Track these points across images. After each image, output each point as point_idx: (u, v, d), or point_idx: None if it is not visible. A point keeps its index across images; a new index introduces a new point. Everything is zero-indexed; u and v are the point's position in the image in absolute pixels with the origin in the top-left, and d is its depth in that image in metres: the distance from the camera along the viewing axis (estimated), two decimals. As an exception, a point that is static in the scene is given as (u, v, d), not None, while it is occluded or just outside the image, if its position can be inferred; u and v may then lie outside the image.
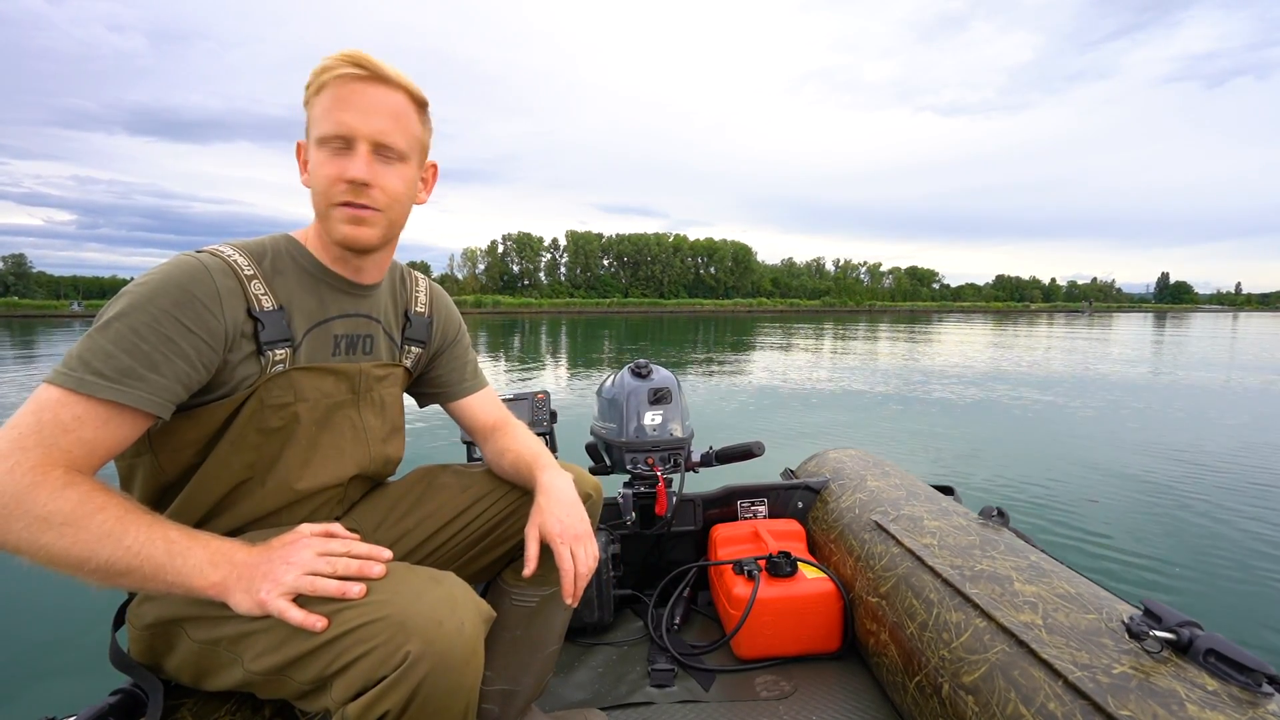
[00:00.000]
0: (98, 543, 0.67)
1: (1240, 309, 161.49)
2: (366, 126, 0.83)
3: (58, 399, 0.70)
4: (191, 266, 0.79)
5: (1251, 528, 3.43)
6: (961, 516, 1.42)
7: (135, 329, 0.74)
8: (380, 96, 0.84)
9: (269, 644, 0.73)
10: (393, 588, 0.73)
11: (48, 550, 0.66)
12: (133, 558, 0.68)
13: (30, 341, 20.73)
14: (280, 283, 0.87)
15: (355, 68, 0.82)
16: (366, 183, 0.83)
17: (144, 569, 0.68)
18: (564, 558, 0.91)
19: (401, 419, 1.07)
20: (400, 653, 0.68)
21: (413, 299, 1.07)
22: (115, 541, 0.68)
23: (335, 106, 0.82)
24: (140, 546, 0.69)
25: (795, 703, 1.28)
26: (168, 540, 0.70)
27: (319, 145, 0.83)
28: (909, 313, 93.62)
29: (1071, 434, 5.97)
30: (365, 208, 0.85)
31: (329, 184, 0.83)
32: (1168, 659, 0.84)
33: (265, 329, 0.84)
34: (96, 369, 0.71)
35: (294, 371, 0.87)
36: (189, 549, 0.71)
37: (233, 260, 0.83)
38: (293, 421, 0.88)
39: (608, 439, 1.70)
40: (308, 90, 0.85)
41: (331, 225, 0.86)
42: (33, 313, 61.80)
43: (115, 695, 0.82)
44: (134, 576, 0.69)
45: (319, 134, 0.83)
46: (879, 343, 20.14)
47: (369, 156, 0.83)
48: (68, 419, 0.70)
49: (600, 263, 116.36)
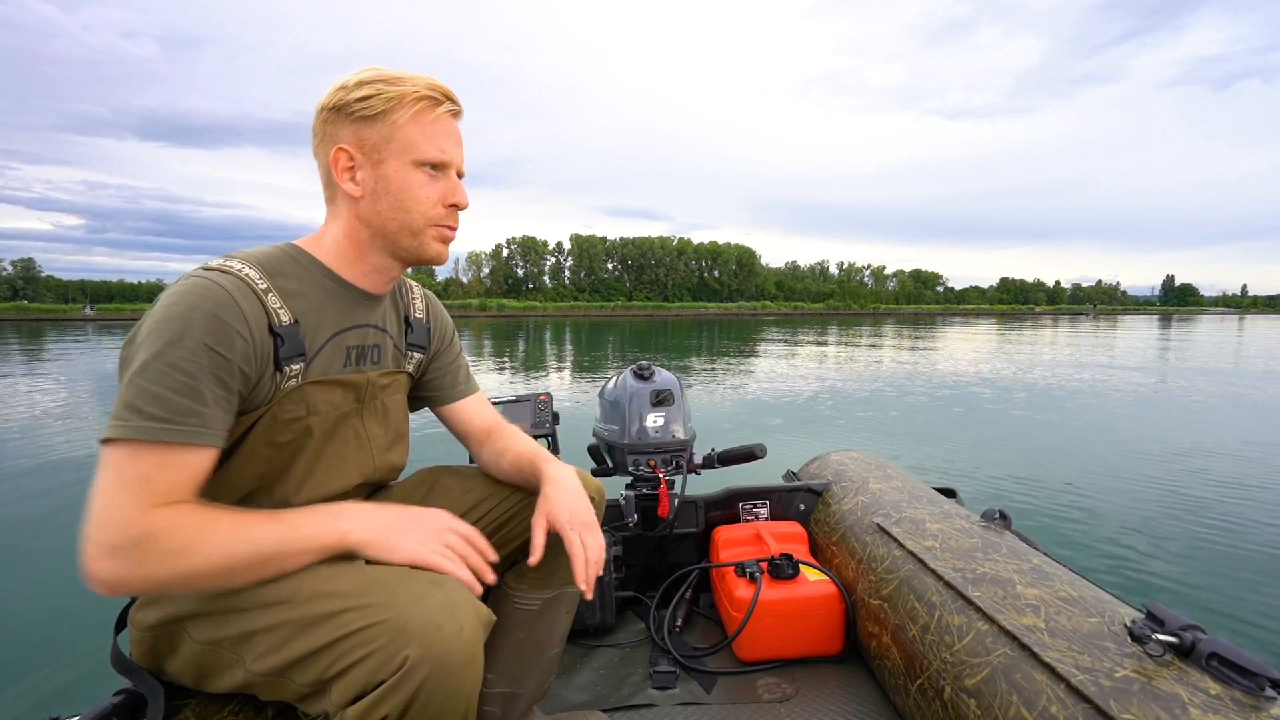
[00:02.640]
0: (230, 548, 0.72)
1: (1246, 311, 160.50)
2: (458, 157, 0.92)
3: (131, 453, 0.71)
4: (213, 292, 0.77)
5: (1254, 531, 3.41)
6: (963, 519, 1.42)
7: (177, 366, 0.73)
8: (458, 129, 0.93)
9: (271, 645, 0.74)
10: (392, 591, 0.73)
11: (193, 575, 0.71)
12: (263, 546, 0.74)
13: (40, 344, 20.86)
14: (294, 295, 0.86)
15: (450, 102, 0.90)
16: (466, 207, 0.94)
17: (279, 550, 0.75)
18: (574, 544, 0.91)
19: (406, 425, 1.07)
20: (399, 657, 0.68)
21: (410, 304, 1.07)
22: (244, 542, 0.73)
23: (438, 135, 0.88)
24: (265, 534, 0.75)
25: (797, 705, 1.28)
26: (283, 520, 0.77)
27: (416, 166, 0.87)
28: (913, 316, 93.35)
29: (1073, 436, 5.94)
30: (453, 229, 0.94)
31: (432, 205, 0.89)
32: (1170, 662, 0.84)
33: (284, 344, 0.83)
34: (154, 414, 0.72)
35: (307, 385, 0.87)
36: (305, 519, 0.78)
37: (246, 276, 0.81)
38: (305, 435, 0.88)
39: (610, 441, 1.71)
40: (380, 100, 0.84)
41: (425, 243, 0.91)
42: (44, 315, 62.24)
43: (118, 696, 0.83)
44: (273, 563, 0.75)
45: (422, 157, 0.87)
46: (882, 346, 20.09)
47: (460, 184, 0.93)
48: (148, 469, 0.71)
49: (604, 266, 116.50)
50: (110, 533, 0.69)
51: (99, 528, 0.69)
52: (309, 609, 0.72)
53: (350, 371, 0.94)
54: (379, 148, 0.86)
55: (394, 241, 0.90)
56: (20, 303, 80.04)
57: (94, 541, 0.69)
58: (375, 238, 0.90)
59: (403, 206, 0.88)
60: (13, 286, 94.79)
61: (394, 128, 0.85)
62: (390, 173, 0.87)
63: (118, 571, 0.69)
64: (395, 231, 0.89)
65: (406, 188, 0.87)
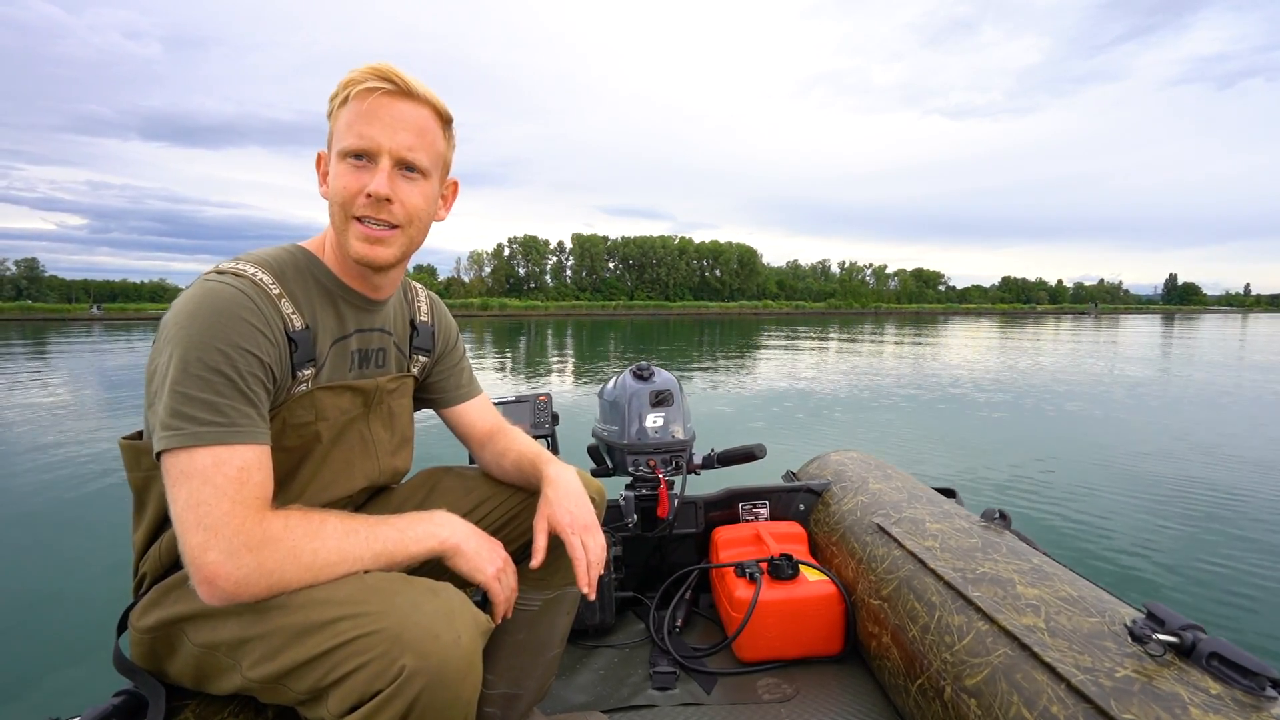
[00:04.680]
0: (341, 546, 0.75)
1: (1249, 310, 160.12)
2: (391, 141, 0.81)
3: (212, 459, 0.71)
4: (233, 295, 0.76)
5: (1255, 531, 3.41)
6: (963, 519, 1.41)
7: (217, 369, 0.73)
8: (406, 111, 0.82)
9: (265, 652, 0.73)
10: (389, 599, 0.72)
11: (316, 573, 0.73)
12: (379, 545, 0.78)
13: (43, 344, 20.90)
14: (304, 300, 0.85)
15: (382, 81, 0.81)
16: (388, 198, 0.81)
17: (394, 550, 0.79)
18: (575, 547, 0.92)
19: (411, 429, 1.07)
20: (395, 666, 0.67)
21: (415, 308, 1.07)
22: (359, 541, 0.77)
23: (360, 120, 0.80)
24: (374, 534, 0.78)
25: (797, 705, 1.28)
26: (388, 524, 0.81)
27: (340, 158, 0.82)
28: (914, 315, 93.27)
29: (1073, 436, 5.93)
30: (383, 225, 0.83)
31: (348, 197, 0.81)
32: (1171, 662, 0.84)
33: (298, 349, 0.83)
34: (216, 421, 0.72)
35: (316, 391, 0.87)
36: (410, 523, 0.83)
37: (261, 280, 0.80)
38: (313, 440, 0.88)
39: (609, 441, 1.70)
40: (332, 101, 0.83)
41: (347, 241, 0.84)
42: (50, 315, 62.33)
43: (118, 697, 0.82)
44: (381, 561, 0.78)
45: (341, 146, 0.81)
46: (883, 345, 20.07)
47: (391, 171, 0.82)
48: (234, 472, 0.72)
49: (606, 265, 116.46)
50: (228, 537, 0.69)
51: (213, 534, 0.69)
52: (304, 616, 0.72)
53: (357, 376, 0.94)
54: (335, 142, 0.83)
55: (339, 242, 0.86)
56: (24, 302, 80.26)
57: (212, 549, 0.68)
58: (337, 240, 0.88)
59: (331, 202, 0.84)
60: (17, 286, 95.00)
61: (334, 121, 0.83)
62: (330, 169, 0.84)
63: (241, 575, 0.69)
64: (335, 231, 0.86)
65: (333, 181, 0.83)
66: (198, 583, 0.69)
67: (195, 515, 0.69)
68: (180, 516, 0.70)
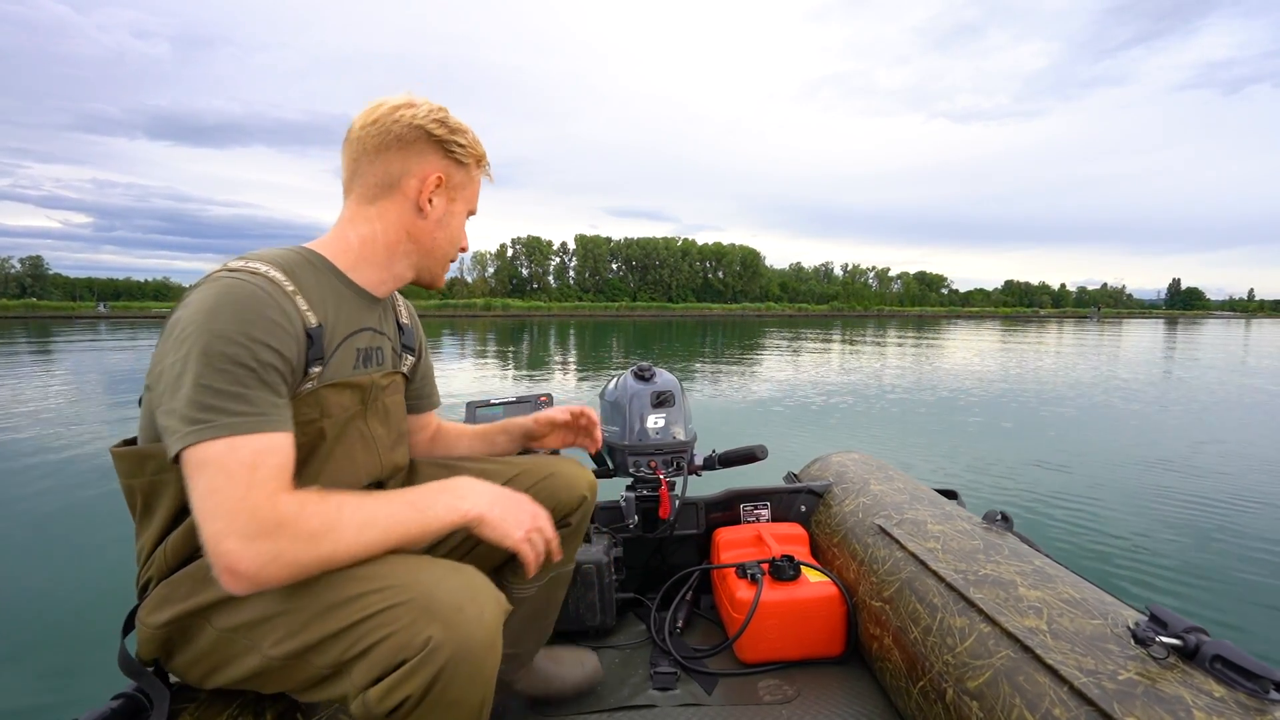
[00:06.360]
0: (360, 531, 0.74)
1: (1253, 315, 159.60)
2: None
3: (229, 447, 0.70)
4: (253, 291, 0.77)
5: (1257, 533, 3.39)
6: (965, 520, 1.41)
7: (243, 363, 0.73)
8: None
9: (290, 628, 0.74)
10: (414, 574, 0.74)
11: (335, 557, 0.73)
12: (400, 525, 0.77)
13: (49, 341, 20.99)
14: (315, 298, 0.86)
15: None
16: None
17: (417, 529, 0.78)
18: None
19: (405, 426, 1.09)
20: (422, 637, 0.68)
21: (397, 309, 1.09)
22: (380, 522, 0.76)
23: (478, 195, 1.04)
24: (400, 513, 0.78)
25: (798, 707, 1.28)
26: (405, 500, 0.80)
27: (465, 212, 1.02)
28: (917, 318, 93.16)
29: (1074, 438, 5.92)
30: None
31: (457, 245, 1.03)
32: (1174, 665, 0.83)
33: (312, 347, 0.84)
34: (235, 409, 0.72)
35: (322, 388, 0.88)
36: (430, 497, 0.82)
37: (274, 278, 0.81)
38: (317, 438, 0.88)
39: (610, 442, 1.70)
40: (470, 157, 0.98)
41: (442, 273, 1.04)
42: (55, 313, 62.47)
43: (117, 699, 0.82)
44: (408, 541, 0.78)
45: (473, 209, 1.04)
46: (885, 348, 20.04)
47: None
48: (249, 457, 0.71)
49: (609, 267, 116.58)
50: (243, 523, 0.68)
51: (229, 521, 0.68)
52: (333, 592, 0.72)
53: (358, 373, 0.95)
54: (458, 189, 0.99)
55: (428, 261, 1.00)
56: (30, 300, 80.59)
57: (228, 536, 0.68)
58: (413, 253, 0.97)
59: (450, 240, 1.01)
60: (21, 284, 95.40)
61: (470, 180, 1.01)
62: (456, 211, 1.00)
63: (259, 561, 0.68)
64: (438, 257, 1.01)
65: (458, 228, 1.02)
66: (219, 572, 0.68)
67: (209, 506, 0.69)
68: (198, 507, 0.70)
